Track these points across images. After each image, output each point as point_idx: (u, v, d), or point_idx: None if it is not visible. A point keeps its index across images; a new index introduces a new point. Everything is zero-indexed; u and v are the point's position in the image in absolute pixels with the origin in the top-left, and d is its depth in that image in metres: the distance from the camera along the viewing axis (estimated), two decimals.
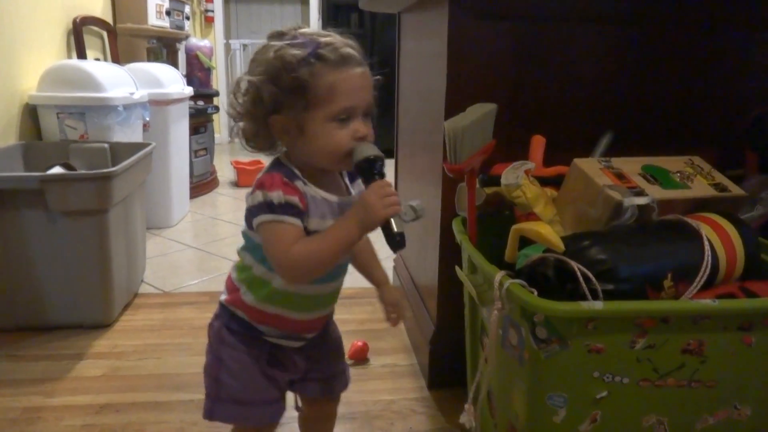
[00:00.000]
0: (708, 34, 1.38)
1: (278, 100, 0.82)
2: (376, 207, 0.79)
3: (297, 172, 0.85)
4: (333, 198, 0.87)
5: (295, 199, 0.81)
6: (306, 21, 6.14)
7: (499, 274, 0.92)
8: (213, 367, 0.95)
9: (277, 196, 0.80)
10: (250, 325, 0.93)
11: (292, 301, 0.91)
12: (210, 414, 0.95)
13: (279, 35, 0.85)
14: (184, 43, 4.04)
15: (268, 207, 0.81)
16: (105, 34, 3.12)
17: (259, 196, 0.81)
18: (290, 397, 1.05)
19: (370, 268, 1.05)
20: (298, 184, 0.83)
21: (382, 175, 0.83)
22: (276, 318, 0.92)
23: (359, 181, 0.91)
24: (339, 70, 0.81)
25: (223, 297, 0.97)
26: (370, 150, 0.82)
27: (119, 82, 2.41)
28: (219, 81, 5.74)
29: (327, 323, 1.02)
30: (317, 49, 0.80)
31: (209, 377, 0.96)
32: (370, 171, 0.82)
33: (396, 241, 0.80)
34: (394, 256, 2.14)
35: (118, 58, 3.13)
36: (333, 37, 0.83)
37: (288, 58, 0.80)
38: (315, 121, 0.82)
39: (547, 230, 0.91)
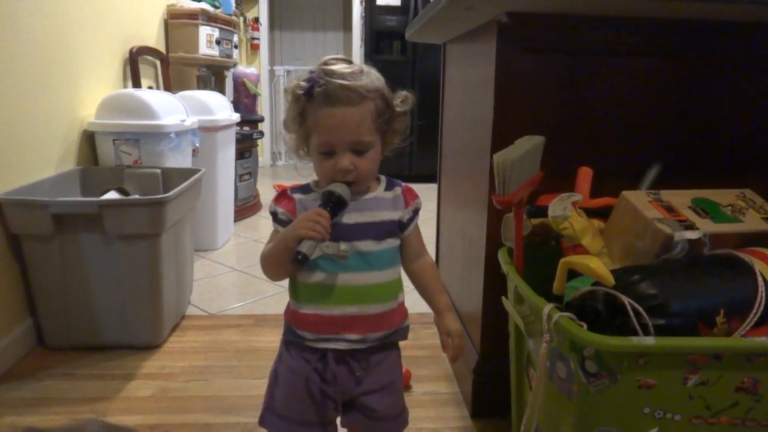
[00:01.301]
0: (759, 65, 1.37)
1: (291, 125, 0.98)
2: (298, 225, 0.92)
3: (313, 184, 1.01)
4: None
5: (280, 209, 0.99)
6: (348, 48, 6.26)
7: (548, 307, 0.92)
8: (270, 379, 1.06)
9: (271, 205, 1.00)
10: (298, 333, 1.01)
11: (322, 294, 0.97)
12: (261, 421, 1.05)
13: (320, 63, 0.96)
14: (231, 70, 4.17)
15: (270, 213, 1.01)
16: (158, 62, 3.25)
17: None
18: None
19: (429, 294, 1.08)
20: (297, 195, 0.99)
21: (329, 208, 0.92)
22: (316, 318, 0.98)
23: (397, 188, 1.02)
24: (321, 109, 0.92)
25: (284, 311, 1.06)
26: (335, 187, 0.93)
27: (172, 109, 2.50)
28: (264, 107, 5.88)
29: (377, 343, 1.01)
30: (312, 87, 0.92)
31: (267, 387, 1.06)
32: (325, 201, 0.93)
33: (294, 256, 0.90)
34: None
35: (170, 86, 3.25)
36: (338, 74, 0.91)
37: (292, 93, 0.96)
38: (311, 149, 0.98)
39: (597, 264, 0.92)
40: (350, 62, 0.96)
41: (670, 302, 0.90)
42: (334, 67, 0.93)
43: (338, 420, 1.07)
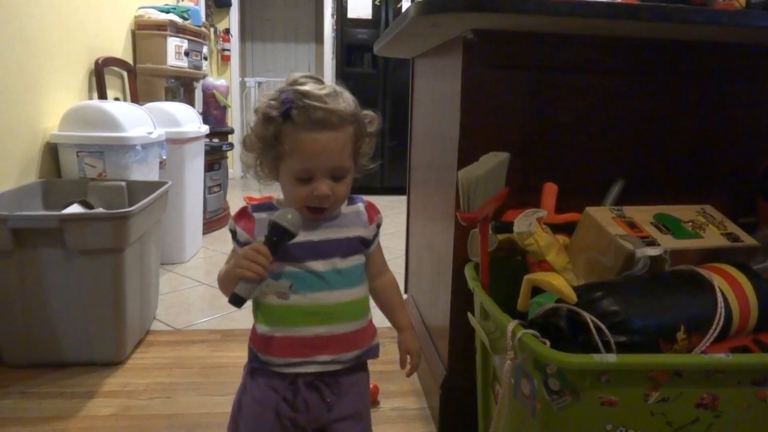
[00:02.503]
0: (719, 84, 1.40)
1: (259, 147, 0.92)
2: (237, 262, 0.89)
3: (277, 203, 0.97)
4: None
5: (239, 228, 0.95)
6: (320, 61, 6.27)
7: (512, 324, 0.92)
8: (234, 410, 1.02)
9: (231, 222, 0.97)
10: (264, 359, 0.97)
11: (291, 316, 0.95)
12: None
13: (289, 82, 0.92)
14: (201, 82, 4.13)
15: (230, 230, 0.98)
16: (125, 73, 3.20)
17: None
18: None
19: (391, 311, 1.09)
20: (258, 215, 0.95)
21: (272, 241, 0.88)
22: (284, 341, 0.96)
23: (359, 204, 1.01)
24: (303, 134, 0.87)
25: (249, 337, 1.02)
26: (283, 217, 0.88)
27: (138, 121, 2.46)
28: (234, 118, 5.84)
29: (348, 365, 1.00)
30: (289, 109, 0.87)
31: (231, 418, 1.03)
32: (268, 234, 0.89)
33: (230, 298, 0.88)
34: (406, 296, 2.15)
35: (137, 97, 3.20)
36: (315, 96, 0.87)
37: (264, 113, 0.89)
38: (283, 173, 0.92)
39: (560, 281, 0.92)
40: (321, 81, 0.93)
41: (632, 319, 0.91)
42: (307, 88, 0.88)
43: None
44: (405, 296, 2.15)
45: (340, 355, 0.98)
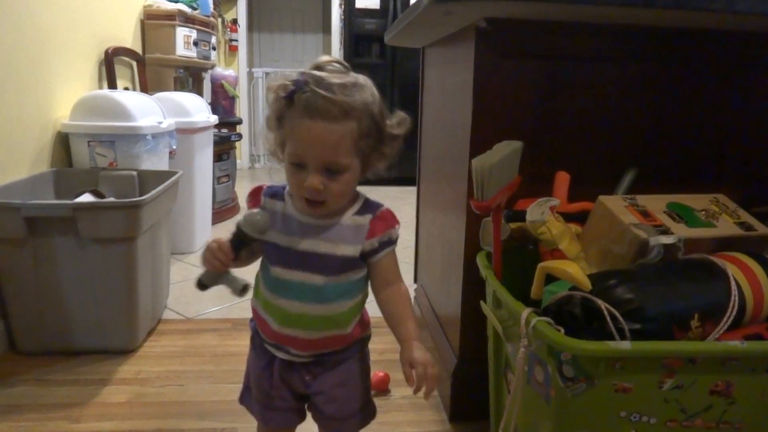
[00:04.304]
0: (734, 73, 1.39)
1: (270, 126, 0.92)
2: (204, 249, 0.93)
3: (287, 191, 0.96)
4: (300, 217, 0.94)
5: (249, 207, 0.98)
6: (328, 51, 6.24)
7: (526, 312, 0.92)
8: (247, 362, 1.09)
9: (247, 198, 1.00)
10: (253, 328, 1.05)
11: (267, 307, 0.98)
12: (240, 399, 1.10)
13: (313, 65, 0.90)
14: (209, 72, 4.13)
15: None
16: (134, 63, 3.21)
17: None
18: None
19: (394, 323, 0.97)
20: (267, 200, 0.96)
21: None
22: (262, 323, 1.00)
23: (367, 215, 0.96)
24: (300, 118, 0.85)
25: None
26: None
27: (148, 111, 2.47)
28: (242, 109, 5.84)
29: (324, 358, 1.00)
30: (293, 92, 0.86)
31: (246, 366, 1.09)
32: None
33: (196, 281, 0.95)
34: (415, 285, 2.15)
35: (146, 87, 3.21)
36: (325, 84, 0.84)
37: (274, 92, 0.89)
38: (285, 157, 0.91)
39: (574, 269, 0.92)
40: (346, 70, 0.89)
41: (646, 307, 0.91)
42: (323, 74, 0.85)
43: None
44: (414, 286, 2.16)
45: (310, 351, 0.98)
